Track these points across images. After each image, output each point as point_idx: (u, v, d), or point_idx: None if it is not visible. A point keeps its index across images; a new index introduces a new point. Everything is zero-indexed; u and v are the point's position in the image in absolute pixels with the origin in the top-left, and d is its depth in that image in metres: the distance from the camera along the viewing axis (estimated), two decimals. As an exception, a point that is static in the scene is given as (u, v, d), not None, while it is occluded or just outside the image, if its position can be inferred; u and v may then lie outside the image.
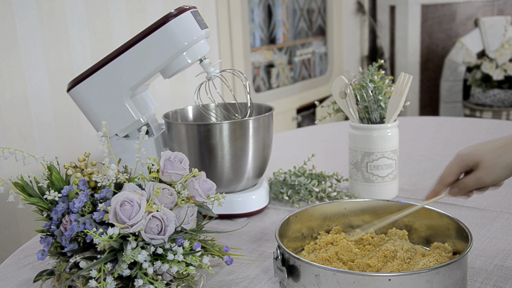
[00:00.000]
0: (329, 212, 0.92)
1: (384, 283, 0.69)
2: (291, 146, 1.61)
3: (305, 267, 0.74)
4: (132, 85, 1.02)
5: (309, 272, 0.73)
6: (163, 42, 0.98)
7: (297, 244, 0.90)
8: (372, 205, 0.92)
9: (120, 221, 0.71)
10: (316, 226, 0.92)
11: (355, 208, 0.93)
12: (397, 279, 0.69)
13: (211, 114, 1.20)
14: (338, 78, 1.09)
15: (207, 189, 0.82)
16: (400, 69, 3.74)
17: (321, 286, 0.72)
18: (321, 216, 0.92)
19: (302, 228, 0.91)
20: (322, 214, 0.92)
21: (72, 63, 1.72)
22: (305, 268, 0.74)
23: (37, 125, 1.63)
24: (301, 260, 0.74)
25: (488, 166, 0.81)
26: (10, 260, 0.95)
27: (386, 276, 0.69)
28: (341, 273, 0.70)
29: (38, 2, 1.60)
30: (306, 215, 0.91)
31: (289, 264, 0.77)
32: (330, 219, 0.93)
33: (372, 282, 0.69)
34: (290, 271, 0.77)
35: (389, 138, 1.08)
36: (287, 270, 0.77)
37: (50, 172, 0.80)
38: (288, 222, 0.87)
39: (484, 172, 0.81)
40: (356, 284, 0.69)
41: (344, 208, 0.93)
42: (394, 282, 0.69)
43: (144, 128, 0.92)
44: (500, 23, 3.59)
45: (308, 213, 0.91)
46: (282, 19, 3.08)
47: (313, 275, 0.73)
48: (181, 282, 0.77)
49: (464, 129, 1.69)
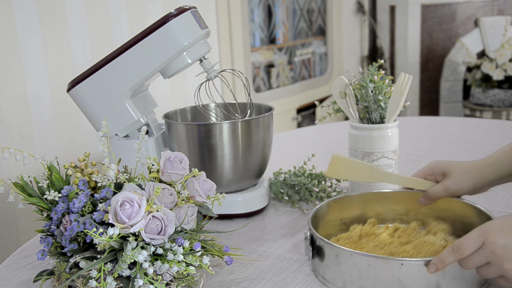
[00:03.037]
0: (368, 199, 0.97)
1: (397, 267, 0.72)
2: (291, 146, 1.61)
3: (327, 247, 0.79)
4: (132, 85, 1.02)
5: (331, 253, 0.78)
6: (163, 42, 0.98)
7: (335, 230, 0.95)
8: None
9: (120, 221, 0.71)
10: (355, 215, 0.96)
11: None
12: (409, 264, 0.72)
13: (211, 114, 1.20)
14: (338, 78, 1.09)
15: (207, 189, 0.82)
16: (400, 69, 3.74)
17: (340, 265, 0.77)
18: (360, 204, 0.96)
19: (341, 215, 0.95)
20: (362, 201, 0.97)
21: (72, 63, 1.72)
22: (327, 249, 0.79)
23: (37, 125, 1.63)
24: (323, 240, 0.79)
25: (455, 176, 0.90)
26: (10, 260, 0.95)
27: (399, 260, 0.72)
28: (357, 255, 0.75)
29: (38, 2, 1.60)
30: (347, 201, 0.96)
31: (316, 244, 0.82)
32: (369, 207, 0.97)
33: (385, 265, 0.72)
34: (317, 252, 0.82)
35: (389, 138, 1.08)
36: (315, 251, 0.82)
37: (50, 172, 0.80)
38: (325, 208, 0.92)
39: (451, 181, 0.90)
40: (371, 266, 0.73)
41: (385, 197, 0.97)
42: (407, 266, 0.72)
43: (144, 128, 0.92)
44: (500, 23, 3.59)
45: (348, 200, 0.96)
46: (282, 19, 3.08)
47: (334, 255, 0.77)
48: (181, 282, 0.77)
49: (464, 129, 1.69)
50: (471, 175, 0.89)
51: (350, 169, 0.93)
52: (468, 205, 0.89)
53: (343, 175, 0.94)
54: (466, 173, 0.89)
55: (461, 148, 1.48)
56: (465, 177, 0.89)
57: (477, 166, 0.90)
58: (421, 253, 0.82)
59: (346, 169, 0.92)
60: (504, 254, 0.68)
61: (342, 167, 0.92)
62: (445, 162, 0.93)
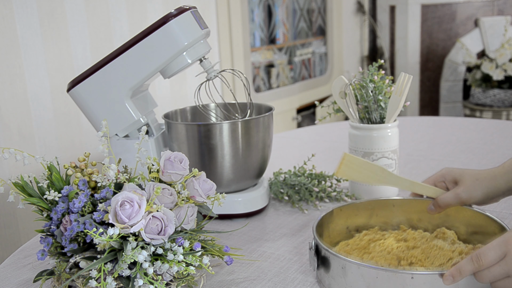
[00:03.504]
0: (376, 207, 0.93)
1: (407, 280, 0.68)
2: (291, 146, 1.61)
3: (333, 258, 0.75)
4: (132, 85, 1.02)
5: (337, 264, 0.74)
6: (163, 42, 0.98)
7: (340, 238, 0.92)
8: None
9: (120, 221, 0.71)
10: (360, 223, 0.93)
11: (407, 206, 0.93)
12: (420, 277, 0.68)
13: (211, 114, 1.20)
14: (338, 78, 1.09)
15: (207, 189, 0.82)
16: (400, 69, 3.74)
17: (347, 278, 0.73)
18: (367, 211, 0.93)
19: (347, 222, 0.92)
20: (369, 209, 0.93)
21: (72, 63, 1.72)
22: (333, 260, 0.75)
23: (37, 125, 1.63)
24: (329, 251, 0.75)
25: (467, 184, 0.86)
26: (10, 260, 0.95)
27: (409, 273, 0.68)
28: (364, 267, 0.71)
29: (38, 2, 1.60)
30: (352, 208, 0.92)
31: (321, 255, 0.78)
32: (376, 216, 0.93)
33: (394, 278, 0.69)
34: (322, 262, 0.78)
35: (389, 138, 1.08)
36: (320, 261, 0.78)
37: (50, 172, 0.80)
38: (332, 215, 0.89)
39: (463, 189, 0.86)
40: (379, 278, 0.70)
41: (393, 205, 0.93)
42: (417, 280, 0.68)
43: (144, 128, 0.92)
44: (500, 23, 3.59)
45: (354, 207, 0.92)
46: (282, 19, 3.08)
47: (340, 267, 0.74)
48: (181, 282, 0.77)
49: (464, 129, 1.69)
50: (483, 184, 0.85)
51: (360, 171, 0.89)
52: (479, 214, 0.86)
53: (353, 176, 0.89)
54: (479, 182, 0.85)
55: (461, 148, 1.48)
56: (477, 185, 0.85)
57: (490, 174, 0.86)
58: (429, 258, 0.79)
59: (357, 170, 0.88)
60: None
61: (353, 167, 0.88)
62: (457, 169, 0.89)
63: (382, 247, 0.83)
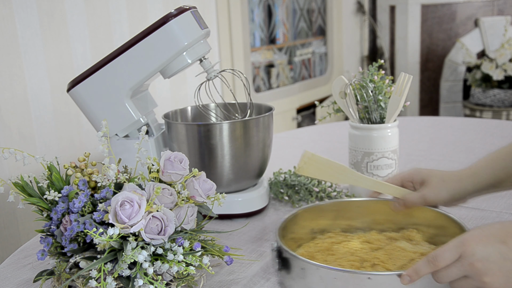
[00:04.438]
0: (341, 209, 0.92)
1: (364, 281, 0.69)
2: (291, 146, 1.61)
3: (293, 260, 0.75)
4: (132, 85, 1.02)
5: (297, 265, 0.75)
6: (163, 42, 0.98)
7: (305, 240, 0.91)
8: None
9: (120, 221, 0.71)
10: (326, 224, 0.92)
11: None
12: (377, 278, 0.69)
13: (211, 114, 1.20)
14: (338, 78, 1.09)
15: (207, 189, 0.82)
16: (400, 69, 3.74)
17: (306, 280, 0.73)
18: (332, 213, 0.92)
19: (312, 224, 0.91)
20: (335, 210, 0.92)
21: (72, 63, 1.72)
22: (293, 261, 0.75)
23: (37, 125, 1.63)
24: (289, 252, 0.76)
25: (433, 185, 0.87)
26: (10, 260, 0.95)
27: (366, 274, 0.69)
28: (323, 268, 0.71)
29: (38, 2, 1.60)
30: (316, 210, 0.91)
31: (282, 256, 0.78)
32: (342, 217, 0.92)
33: (351, 279, 0.69)
34: (283, 264, 0.78)
35: (389, 138, 1.08)
36: (281, 263, 0.78)
37: (50, 172, 0.80)
38: (296, 217, 0.88)
39: (429, 190, 0.87)
40: (338, 279, 0.70)
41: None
42: (374, 281, 0.69)
43: (144, 128, 0.92)
44: (500, 23, 3.59)
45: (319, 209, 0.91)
46: (282, 19, 3.08)
47: (299, 268, 0.74)
48: (181, 282, 0.77)
49: (464, 129, 1.69)
50: (449, 186, 0.86)
51: (321, 168, 0.89)
52: (442, 215, 0.86)
53: (313, 173, 0.89)
54: (445, 183, 0.86)
55: (461, 148, 1.48)
56: (443, 187, 0.86)
57: (457, 176, 0.87)
58: (392, 259, 0.79)
59: (317, 168, 0.88)
60: (484, 267, 0.63)
61: (313, 165, 0.88)
62: (425, 170, 0.90)
63: (345, 248, 0.83)
